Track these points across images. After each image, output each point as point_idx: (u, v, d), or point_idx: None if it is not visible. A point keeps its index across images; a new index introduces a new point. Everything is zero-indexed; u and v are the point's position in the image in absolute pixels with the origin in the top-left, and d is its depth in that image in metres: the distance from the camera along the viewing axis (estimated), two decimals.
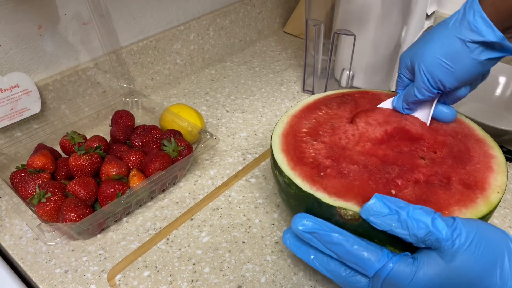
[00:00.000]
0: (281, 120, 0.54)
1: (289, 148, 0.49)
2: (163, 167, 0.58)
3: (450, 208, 0.41)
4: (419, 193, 0.43)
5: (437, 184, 0.44)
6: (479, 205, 0.42)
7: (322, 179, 0.44)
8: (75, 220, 0.51)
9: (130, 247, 0.54)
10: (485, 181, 0.44)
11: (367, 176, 0.44)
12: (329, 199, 0.41)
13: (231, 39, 0.96)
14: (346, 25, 0.75)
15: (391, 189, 0.43)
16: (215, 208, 0.58)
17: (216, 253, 0.52)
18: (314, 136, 0.51)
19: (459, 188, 0.43)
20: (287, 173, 0.45)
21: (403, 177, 0.44)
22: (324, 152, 0.48)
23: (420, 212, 0.36)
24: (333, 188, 0.43)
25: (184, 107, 0.70)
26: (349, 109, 0.56)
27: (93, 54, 0.72)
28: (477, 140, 0.50)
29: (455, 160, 0.47)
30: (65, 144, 0.63)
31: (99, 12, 0.67)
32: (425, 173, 0.45)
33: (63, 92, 0.70)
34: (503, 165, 0.46)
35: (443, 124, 0.53)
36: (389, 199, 0.37)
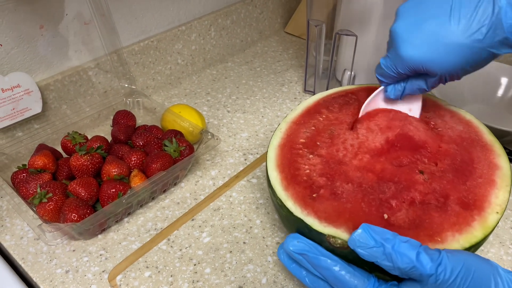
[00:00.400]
0: (279, 128, 0.53)
1: (283, 163, 0.48)
2: (164, 168, 0.58)
3: (443, 233, 0.40)
4: (412, 217, 0.41)
5: (433, 205, 0.42)
6: (475, 229, 0.40)
7: (314, 202, 0.43)
8: (76, 220, 0.51)
9: (131, 248, 0.54)
10: (485, 199, 0.43)
11: (361, 197, 0.43)
12: (319, 226, 0.41)
13: (232, 40, 0.96)
14: (348, 26, 0.75)
15: (384, 213, 0.42)
16: (216, 208, 0.58)
17: (217, 254, 0.52)
18: (311, 148, 0.50)
19: (455, 209, 0.42)
20: (279, 195, 0.45)
21: (398, 197, 0.43)
22: (320, 168, 0.47)
23: (405, 245, 0.35)
24: (324, 212, 0.42)
25: (185, 107, 0.70)
26: (351, 111, 0.55)
27: (94, 54, 0.72)
28: (483, 147, 0.48)
29: (457, 173, 0.45)
30: (66, 144, 0.63)
31: (100, 12, 0.67)
32: (422, 191, 0.44)
33: (64, 92, 0.70)
34: (507, 178, 0.44)
35: (449, 128, 0.51)
36: (376, 231, 0.36)
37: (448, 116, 0.53)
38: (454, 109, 0.54)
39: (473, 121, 0.52)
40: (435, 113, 0.53)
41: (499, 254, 0.51)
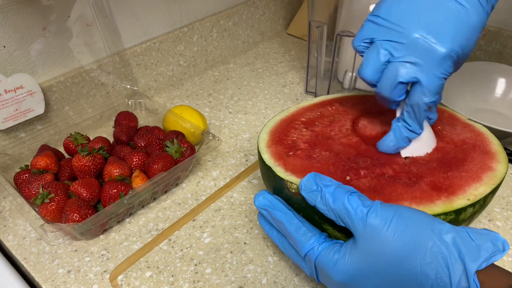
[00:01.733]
0: (287, 110, 0.56)
1: (276, 131, 0.52)
2: (165, 168, 0.58)
3: (399, 201, 0.39)
4: (374, 184, 0.42)
5: (402, 181, 0.42)
6: (435, 205, 0.39)
7: (288, 157, 0.47)
8: (77, 220, 0.51)
9: (132, 248, 0.54)
10: (461, 188, 0.42)
11: (332, 162, 0.45)
12: (283, 174, 0.44)
13: (234, 41, 0.96)
14: (349, 27, 0.75)
15: (348, 176, 0.43)
16: (217, 209, 0.58)
17: (218, 254, 0.52)
18: (308, 125, 0.53)
19: (423, 188, 0.41)
20: (261, 149, 0.49)
21: (369, 168, 0.44)
22: (306, 138, 0.50)
23: (340, 190, 0.37)
24: (293, 166, 0.45)
25: (187, 108, 0.70)
26: (361, 108, 0.56)
27: (96, 55, 0.72)
28: (484, 152, 0.47)
29: (442, 165, 0.45)
30: (69, 145, 0.63)
31: (102, 14, 0.68)
32: (397, 169, 0.44)
33: (66, 93, 0.70)
34: (496, 179, 0.43)
35: (455, 134, 0.51)
36: (320, 177, 0.39)
37: (460, 126, 0.53)
38: (471, 122, 0.53)
39: (486, 133, 0.51)
40: (448, 123, 0.53)
41: None
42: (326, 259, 0.37)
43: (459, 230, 0.33)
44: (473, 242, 0.32)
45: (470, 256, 0.32)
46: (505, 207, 0.58)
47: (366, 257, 0.34)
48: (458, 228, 0.34)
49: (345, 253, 0.36)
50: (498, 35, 0.81)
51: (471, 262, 0.31)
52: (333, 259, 0.37)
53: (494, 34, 0.82)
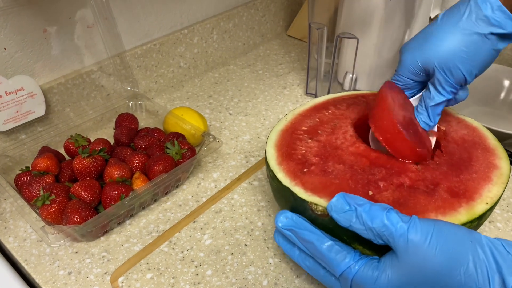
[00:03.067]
0: (284, 118, 0.55)
1: (282, 144, 0.50)
2: (166, 170, 0.58)
3: (426, 213, 0.40)
4: (397, 197, 0.42)
5: (421, 190, 0.43)
6: (460, 213, 0.40)
7: (304, 175, 0.45)
8: (78, 222, 0.52)
9: (133, 250, 0.54)
10: (477, 191, 0.43)
11: (349, 176, 0.45)
12: (304, 194, 0.43)
13: (234, 43, 0.96)
14: (349, 29, 0.75)
15: (369, 190, 0.43)
16: (217, 210, 0.59)
17: (219, 256, 0.52)
18: (312, 134, 0.52)
19: (443, 195, 0.42)
20: (273, 167, 0.47)
21: (387, 179, 0.44)
22: (315, 150, 0.49)
23: (376, 207, 0.36)
24: (311, 184, 0.44)
25: (187, 110, 0.71)
26: (357, 110, 0.56)
27: (97, 57, 0.73)
28: (485, 150, 0.48)
29: (452, 167, 0.46)
30: (69, 147, 0.63)
31: (103, 16, 0.68)
32: (413, 177, 0.44)
33: (67, 95, 0.70)
34: (504, 177, 0.44)
35: (453, 131, 0.51)
36: (351, 197, 0.38)
37: (454, 122, 0.54)
38: (462, 117, 0.55)
39: (479, 128, 0.52)
40: (442, 118, 0.53)
41: None
42: (366, 276, 0.37)
43: (495, 242, 0.34)
44: (510, 255, 0.33)
45: (508, 269, 0.32)
46: (506, 208, 0.58)
47: (410, 272, 0.34)
48: (493, 240, 0.34)
49: (385, 269, 0.36)
50: None
51: (509, 276, 0.32)
52: (373, 276, 0.36)
53: None
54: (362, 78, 0.80)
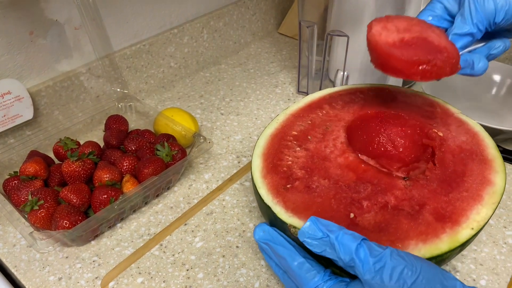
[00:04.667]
0: (276, 119, 0.54)
1: (269, 152, 0.49)
2: (156, 172, 0.57)
3: (406, 240, 0.39)
4: (379, 220, 0.41)
5: (405, 212, 0.41)
6: (441, 241, 0.39)
7: (286, 192, 0.44)
8: (67, 227, 0.51)
9: (124, 253, 0.54)
10: (464, 213, 0.41)
11: (333, 194, 0.43)
12: (284, 215, 0.41)
13: (225, 42, 0.96)
14: (340, 26, 0.75)
15: (351, 211, 0.41)
16: (209, 212, 0.58)
17: (210, 258, 0.52)
18: (301, 141, 0.50)
19: (427, 219, 0.40)
20: (256, 181, 0.46)
21: (371, 198, 0.42)
22: (302, 161, 0.47)
23: (348, 237, 0.35)
24: (293, 203, 0.43)
25: (178, 111, 0.70)
26: (354, 110, 0.54)
27: (85, 59, 0.72)
28: (482, 161, 0.46)
29: (442, 184, 0.44)
30: (58, 150, 0.62)
31: (90, 17, 0.67)
32: (399, 196, 0.43)
33: (56, 98, 0.69)
34: (497, 195, 0.42)
35: (451, 138, 0.49)
36: (323, 223, 0.37)
37: (454, 125, 0.51)
38: (465, 118, 0.52)
39: (480, 134, 0.50)
40: (442, 121, 0.52)
41: (493, 253, 0.51)
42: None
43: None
44: None
45: None
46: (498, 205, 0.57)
47: None
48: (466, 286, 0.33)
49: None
50: None
51: None
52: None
53: None
54: (353, 75, 0.80)
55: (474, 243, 0.53)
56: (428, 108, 0.54)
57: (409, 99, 0.56)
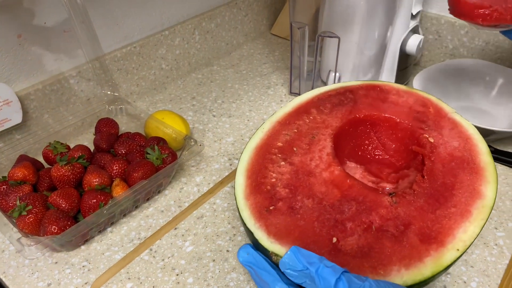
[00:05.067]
0: (261, 128, 0.52)
1: (253, 168, 0.47)
2: (146, 176, 0.57)
3: (389, 266, 0.38)
4: (362, 244, 0.40)
5: (390, 233, 0.40)
6: (425, 266, 0.38)
7: (269, 215, 0.43)
8: (56, 232, 0.50)
9: (114, 258, 0.53)
10: (451, 232, 0.40)
11: (316, 216, 0.42)
12: (266, 241, 0.41)
13: (217, 43, 0.95)
14: (331, 27, 0.75)
15: (335, 235, 0.41)
16: (199, 216, 0.58)
17: (200, 263, 0.51)
18: (286, 153, 0.49)
19: (412, 241, 0.39)
20: (239, 203, 0.45)
21: (355, 219, 0.42)
22: (286, 178, 0.46)
23: (328, 270, 0.35)
24: (275, 227, 0.42)
25: (168, 113, 0.70)
26: (342, 114, 0.53)
27: (75, 62, 0.71)
28: (473, 170, 0.44)
29: (430, 199, 0.43)
30: (48, 154, 0.62)
31: (80, 19, 0.66)
32: (384, 215, 0.42)
33: (45, 101, 0.69)
34: (486, 210, 0.41)
35: (443, 144, 0.48)
36: (303, 254, 0.36)
37: (447, 128, 0.50)
38: (459, 119, 0.51)
39: (474, 138, 0.48)
40: (435, 124, 0.51)
41: (483, 255, 0.51)
42: None
43: None
44: None
45: None
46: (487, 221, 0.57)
47: None
48: None
49: None
50: (480, 32, 0.81)
51: None
52: None
53: (476, 31, 0.82)
54: (345, 76, 0.80)
55: None
56: (421, 108, 0.53)
57: (401, 99, 0.54)
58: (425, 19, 0.86)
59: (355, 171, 0.54)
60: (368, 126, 0.54)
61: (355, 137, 0.54)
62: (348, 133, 0.53)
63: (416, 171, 0.49)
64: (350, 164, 0.54)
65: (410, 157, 0.51)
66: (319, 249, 0.40)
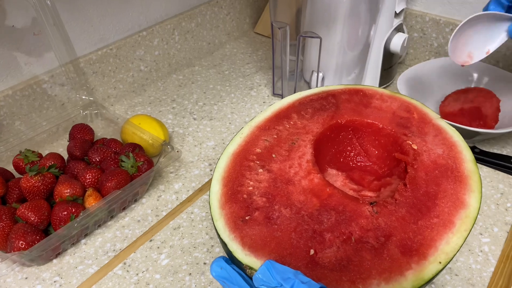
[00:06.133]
0: (239, 133, 0.50)
1: (230, 176, 0.45)
2: (119, 186, 0.55)
3: (368, 280, 0.36)
4: (341, 256, 0.38)
5: (370, 245, 0.39)
6: (405, 280, 0.36)
7: (244, 225, 0.41)
8: (23, 248, 0.48)
9: (87, 272, 0.51)
10: (433, 243, 0.38)
11: (294, 227, 0.40)
12: (241, 253, 0.39)
13: (198, 43, 0.93)
14: (313, 26, 0.72)
15: (312, 247, 0.39)
16: (176, 227, 0.56)
17: (176, 277, 0.49)
18: (264, 160, 0.47)
19: (393, 254, 0.38)
20: (213, 212, 0.43)
21: (334, 230, 0.40)
22: (264, 187, 0.44)
23: (303, 287, 0.33)
24: (251, 239, 0.40)
25: (145, 118, 0.67)
26: (323, 119, 0.51)
27: (47, 66, 0.68)
28: (457, 179, 0.43)
29: (412, 209, 0.41)
30: (18, 164, 0.59)
31: (50, 22, 0.64)
32: (364, 226, 0.40)
33: (16, 107, 0.66)
34: (469, 220, 0.40)
35: (426, 151, 0.46)
36: (278, 269, 0.35)
37: (432, 135, 0.48)
38: (443, 125, 0.49)
39: (458, 145, 0.46)
40: (419, 130, 0.49)
41: (468, 262, 0.50)
42: None
43: None
44: None
45: None
46: None
47: None
48: None
49: None
50: None
51: None
52: None
53: None
54: (328, 76, 0.78)
55: None
56: (405, 114, 0.51)
57: (385, 103, 0.53)
58: (410, 16, 0.84)
59: (336, 178, 0.52)
60: (350, 131, 0.52)
61: (337, 143, 0.53)
62: (329, 139, 0.52)
63: (399, 179, 0.47)
64: (331, 171, 0.53)
65: (393, 164, 0.50)
66: (296, 261, 0.38)
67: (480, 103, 0.68)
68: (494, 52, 0.79)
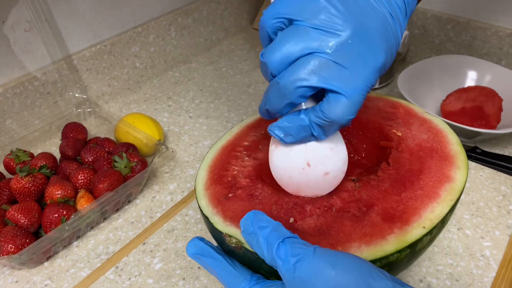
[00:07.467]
0: (229, 132, 0.50)
1: (216, 165, 0.46)
2: (112, 187, 0.53)
3: (348, 243, 0.36)
4: (321, 223, 0.38)
5: (351, 214, 0.38)
6: (387, 242, 0.35)
7: (227, 201, 0.41)
8: (13, 252, 0.47)
9: (79, 275, 0.50)
10: (416, 212, 0.37)
11: (275, 200, 0.40)
12: (221, 224, 0.39)
13: (195, 39, 0.91)
14: None
15: (292, 216, 0.39)
16: (170, 230, 0.54)
17: (169, 282, 0.48)
18: (251, 150, 0.47)
19: (374, 220, 0.37)
20: (198, 194, 0.43)
21: (316, 202, 0.40)
22: (248, 171, 0.44)
23: (274, 235, 0.33)
24: (232, 212, 0.40)
25: (140, 116, 0.66)
26: None
27: (39, 63, 0.67)
28: (442, 158, 0.42)
29: (395, 183, 0.40)
30: (9, 164, 0.58)
31: (42, 18, 0.62)
32: (345, 199, 0.40)
33: (8, 106, 0.64)
34: (455, 192, 0.39)
35: (411, 137, 0.45)
36: (257, 217, 0.35)
37: (417, 124, 0.48)
38: (429, 117, 0.49)
39: (444, 131, 0.46)
40: (404, 121, 0.48)
41: (469, 267, 0.49)
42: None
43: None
44: None
45: None
46: (475, 213, 0.55)
47: None
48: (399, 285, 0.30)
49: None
50: (467, 27, 0.78)
51: None
52: None
53: (463, 26, 0.78)
54: None
55: (450, 256, 0.50)
56: (390, 109, 0.51)
57: (371, 103, 0.53)
58: None
59: None
60: None
61: None
62: None
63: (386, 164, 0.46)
64: None
65: (381, 155, 0.49)
66: None
67: (482, 102, 0.67)
68: (496, 50, 0.78)
